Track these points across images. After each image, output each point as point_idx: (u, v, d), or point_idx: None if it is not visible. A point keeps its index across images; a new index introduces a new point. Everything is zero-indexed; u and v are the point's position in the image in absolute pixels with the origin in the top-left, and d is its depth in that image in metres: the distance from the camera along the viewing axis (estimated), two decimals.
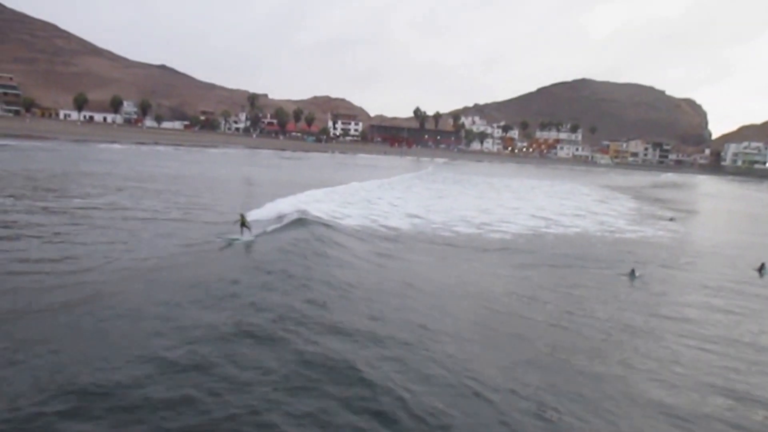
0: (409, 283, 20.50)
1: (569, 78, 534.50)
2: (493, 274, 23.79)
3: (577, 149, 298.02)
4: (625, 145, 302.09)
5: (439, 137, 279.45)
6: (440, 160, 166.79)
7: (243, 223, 24.15)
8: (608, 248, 32.85)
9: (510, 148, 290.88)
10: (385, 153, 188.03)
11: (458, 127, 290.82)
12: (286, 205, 34.64)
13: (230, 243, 23.53)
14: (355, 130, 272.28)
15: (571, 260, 27.94)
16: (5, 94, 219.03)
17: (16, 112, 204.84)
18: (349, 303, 16.93)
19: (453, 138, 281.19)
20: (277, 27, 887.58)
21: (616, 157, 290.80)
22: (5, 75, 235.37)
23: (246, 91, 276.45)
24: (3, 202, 30.02)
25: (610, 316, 19.08)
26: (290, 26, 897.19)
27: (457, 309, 18.03)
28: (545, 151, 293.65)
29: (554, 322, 17.83)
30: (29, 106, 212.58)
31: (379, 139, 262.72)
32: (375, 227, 32.75)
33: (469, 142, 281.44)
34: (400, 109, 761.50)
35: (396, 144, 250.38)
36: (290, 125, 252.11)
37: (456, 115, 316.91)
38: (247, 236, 24.08)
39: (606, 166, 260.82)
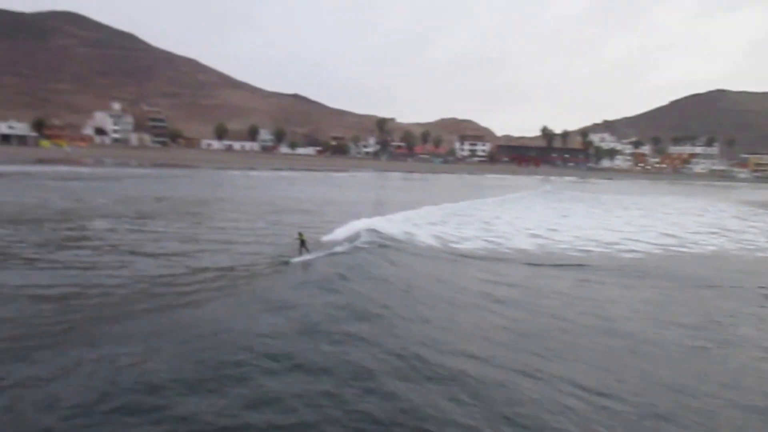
0: (532, 313, 17.78)
1: (703, 90, 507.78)
2: (630, 298, 21.20)
3: (713, 164, 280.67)
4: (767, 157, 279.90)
5: (567, 155, 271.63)
6: (569, 179, 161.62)
7: (302, 242, 23.12)
8: (749, 268, 29.24)
9: (641, 165, 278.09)
10: (513, 173, 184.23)
11: (587, 145, 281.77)
12: (374, 225, 32.95)
13: (286, 262, 22.37)
14: (482, 150, 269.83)
15: (708, 281, 24.83)
16: (154, 126, 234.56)
17: (164, 143, 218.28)
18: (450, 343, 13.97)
19: (582, 156, 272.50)
20: (403, 52, 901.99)
21: (756, 170, 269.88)
22: (154, 109, 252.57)
23: (375, 116, 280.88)
24: (156, 226, 30.51)
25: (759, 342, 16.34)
26: (416, 51, 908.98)
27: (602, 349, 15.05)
28: (679, 166, 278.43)
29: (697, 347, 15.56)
30: (175, 136, 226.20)
31: (506, 159, 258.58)
32: (492, 248, 30.40)
33: (598, 160, 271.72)
34: (527, 128, 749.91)
35: (523, 163, 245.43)
36: (418, 148, 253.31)
37: (584, 132, 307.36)
38: (305, 256, 22.92)
39: (745, 180, 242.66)
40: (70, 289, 16.85)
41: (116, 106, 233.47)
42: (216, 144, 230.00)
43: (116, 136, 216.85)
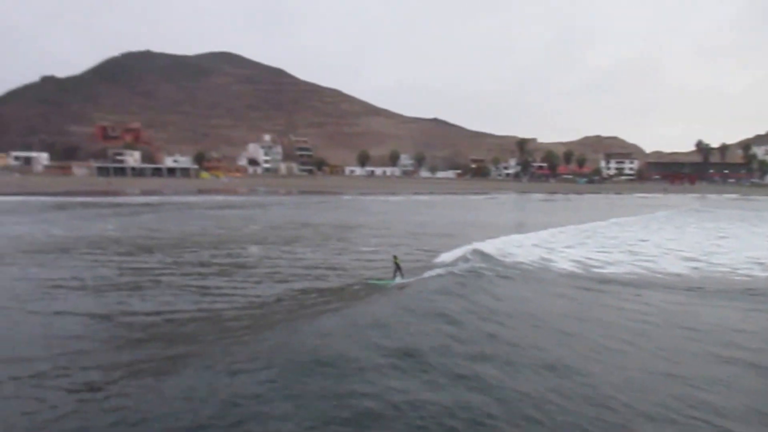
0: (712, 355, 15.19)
1: None
2: None
3: None
4: None
5: (726, 171, 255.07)
6: (729, 196, 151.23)
7: (397, 266, 23.17)
8: None
9: None
10: (664, 191, 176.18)
11: (749, 159, 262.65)
12: (490, 247, 32.48)
13: (374, 285, 22.42)
14: (630, 168, 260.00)
15: None
16: (301, 155, 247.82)
17: (310, 171, 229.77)
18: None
19: (743, 171, 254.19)
20: (542, 71, 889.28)
21: None
22: (301, 139, 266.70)
23: (515, 137, 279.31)
24: (295, 250, 33.86)
25: None
26: (556, 69, 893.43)
27: None
28: None
29: None
30: (320, 164, 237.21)
31: (656, 176, 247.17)
32: (642, 273, 28.01)
33: (763, 175, 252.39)
34: (679, 143, 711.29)
35: (677, 181, 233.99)
36: (561, 168, 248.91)
37: (746, 145, 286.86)
38: (398, 279, 22.70)
39: None
40: (198, 313, 18.82)
41: (267, 137, 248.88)
42: (359, 170, 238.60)
43: (267, 165, 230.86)
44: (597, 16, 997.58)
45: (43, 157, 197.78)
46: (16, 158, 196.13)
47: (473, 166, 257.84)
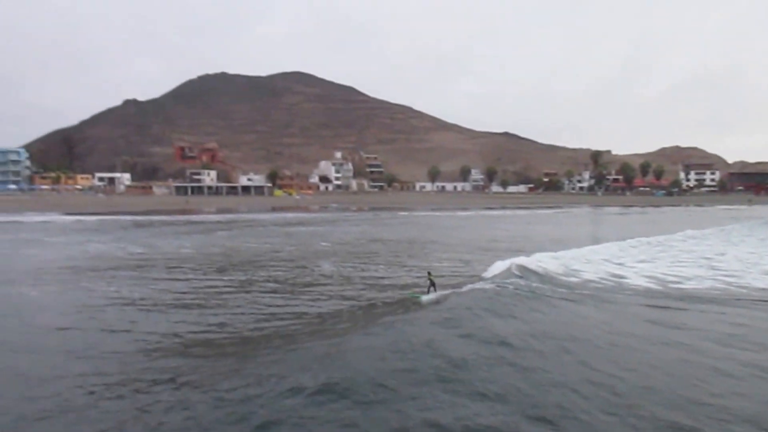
0: None
1: None
2: None
3: None
4: None
5: None
6: None
7: (431, 282, 23.03)
8: None
9: None
10: (749, 202, 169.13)
11: None
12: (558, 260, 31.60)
13: (413, 298, 22.46)
14: (712, 179, 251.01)
15: None
16: (371, 172, 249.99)
17: (380, 187, 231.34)
18: None
19: None
20: (618, 82, 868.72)
21: None
22: (371, 156, 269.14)
23: (588, 150, 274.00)
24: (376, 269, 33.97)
25: None
26: (632, 79, 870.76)
27: None
28: None
29: None
30: (391, 181, 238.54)
31: (740, 187, 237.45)
32: (725, 288, 25.93)
33: None
34: (765, 153, 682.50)
35: (762, 192, 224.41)
36: (637, 180, 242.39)
37: None
38: (431, 295, 22.50)
39: None
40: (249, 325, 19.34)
41: (338, 154, 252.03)
42: (429, 186, 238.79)
43: (338, 182, 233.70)
44: (676, 25, 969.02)
45: (125, 178, 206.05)
46: (101, 179, 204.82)
47: (545, 179, 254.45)
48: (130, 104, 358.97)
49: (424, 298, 22.28)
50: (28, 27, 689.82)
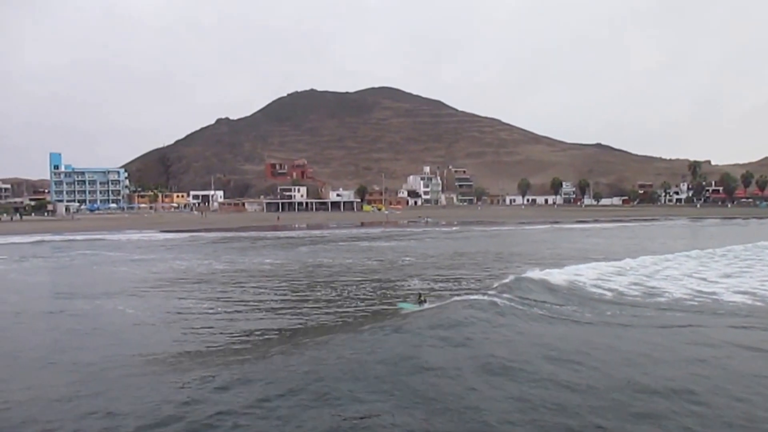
0: None
1: None
2: None
3: None
4: None
5: None
6: None
7: (420, 300, 23.20)
8: None
9: None
10: None
11: None
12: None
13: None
14: None
15: None
16: (460, 186, 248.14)
17: (470, 201, 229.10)
18: None
19: None
20: (716, 89, 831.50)
21: None
22: (460, 169, 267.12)
23: (686, 160, 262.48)
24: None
25: None
26: (732, 86, 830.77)
27: None
28: None
29: None
30: (480, 194, 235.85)
31: None
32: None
33: None
34: None
35: None
36: (739, 191, 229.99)
37: None
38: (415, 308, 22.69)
39: None
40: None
41: (426, 169, 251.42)
42: (519, 199, 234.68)
43: (427, 197, 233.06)
44: None
45: (218, 195, 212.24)
46: (195, 197, 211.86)
47: (640, 191, 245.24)
48: (223, 123, 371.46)
49: (407, 306, 22.99)
50: (126, 51, 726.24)
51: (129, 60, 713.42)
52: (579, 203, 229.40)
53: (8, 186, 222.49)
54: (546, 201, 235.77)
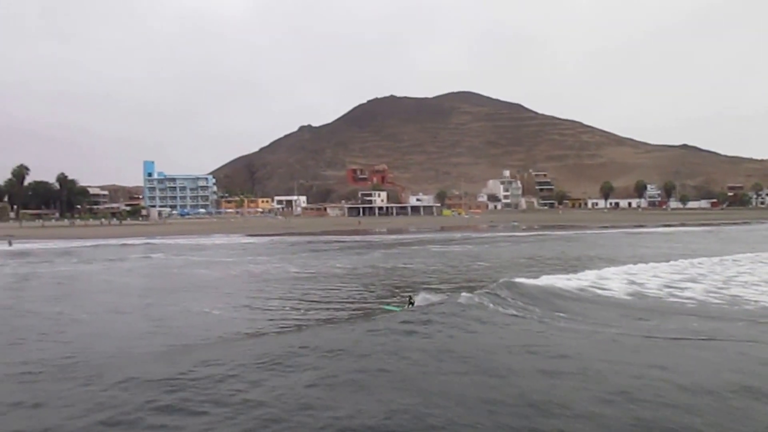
0: None
1: None
2: None
3: None
4: None
5: None
6: None
7: (409, 302, 23.72)
8: None
9: None
10: None
11: None
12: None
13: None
14: None
15: None
16: (541, 189, 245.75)
17: (551, 205, 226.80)
18: None
19: None
20: None
21: None
22: (540, 173, 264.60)
23: None
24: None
25: None
26: None
27: None
28: None
29: None
30: (561, 198, 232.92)
31: None
32: None
33: None
34: None
35: None
36: None
37: None
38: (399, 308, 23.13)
39: None
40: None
41: (506, 173, 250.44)
42: (601, 203, 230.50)
43: (507, 201, 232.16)
44: None
45: (301, 200, 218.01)
46: (279, 202, 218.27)
47: (730, 194, 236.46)
48: (305, 130, 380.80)
49: (393, 309, 23.22)
50: (214, 62, 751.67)
51: (216, 70, 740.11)
52: (664, 206, 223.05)
53: (106, 192, 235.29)
54: (629, 204, 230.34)
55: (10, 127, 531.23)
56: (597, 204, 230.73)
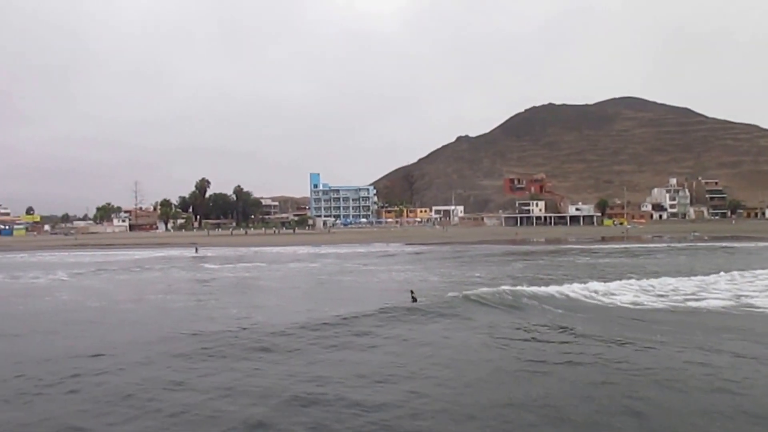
0: None
1: None
2: None
3: None
4: None
5: None
6: None
7: (413, 298, 26.53)
8: None
9: None
10: None
11: None
12: None
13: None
14: None
15: None
16: (711, 198, 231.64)
17: (723, 215, 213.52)
18: None
19: None
20: None
21: None
22: (711, 180, 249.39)
23: None
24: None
25: None
26: None
27: None
28: None
29: None
30: (735, 207, 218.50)
31: None
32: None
33: None
34: None
35: None
36: None
37: None
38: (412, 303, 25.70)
39: None
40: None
41: (673, 181, 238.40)
42: None
43: (673, 210, 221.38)
44: None
45: (458, 210, 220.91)
46: (437, 212, 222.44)
47: None
48: (463, 140, 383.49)
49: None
50: (373, 76, 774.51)
51: (375, 84, 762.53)
52: None
53: (276, 203, 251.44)
54: None
55: (193, 146, 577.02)
56: None
